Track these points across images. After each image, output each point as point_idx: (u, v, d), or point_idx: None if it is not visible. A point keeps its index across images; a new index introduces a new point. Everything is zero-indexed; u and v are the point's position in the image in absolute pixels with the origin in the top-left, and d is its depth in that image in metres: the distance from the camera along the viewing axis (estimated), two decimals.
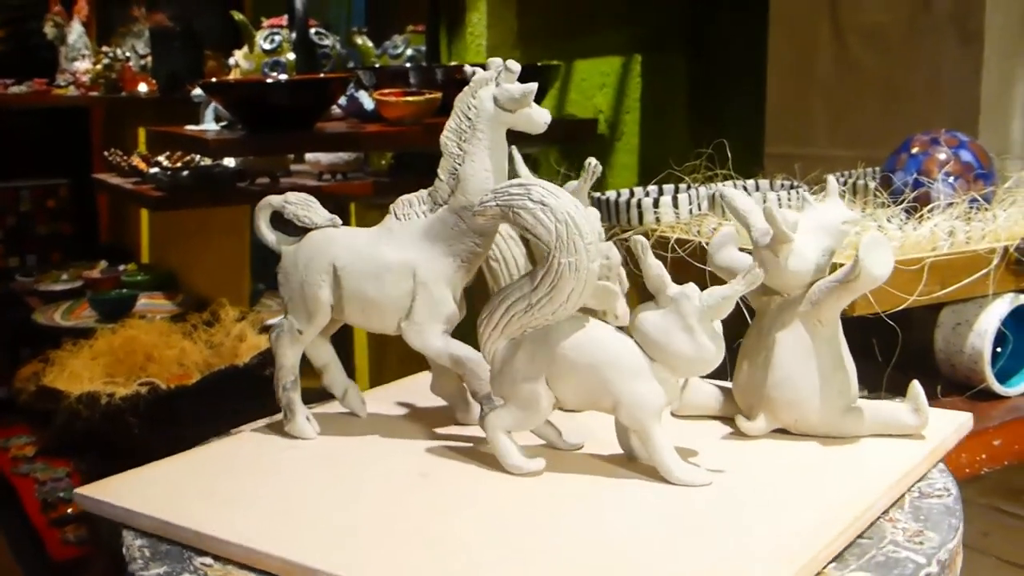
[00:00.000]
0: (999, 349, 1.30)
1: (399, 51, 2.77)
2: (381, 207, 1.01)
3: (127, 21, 4.25)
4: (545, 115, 0.91)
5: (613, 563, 0.72)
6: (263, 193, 1.98)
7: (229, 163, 2.36)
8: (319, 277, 0.92)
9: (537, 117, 0.91)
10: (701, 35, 2.26)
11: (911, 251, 1.19)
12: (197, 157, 2.43)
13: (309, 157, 2.51)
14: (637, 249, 0.83)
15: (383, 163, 2.65)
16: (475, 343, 0.89)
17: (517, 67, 0.91)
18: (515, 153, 1.00)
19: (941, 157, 1.31)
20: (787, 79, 1.80)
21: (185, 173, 2.30)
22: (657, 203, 1.36)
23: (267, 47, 2.50)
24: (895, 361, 1.16)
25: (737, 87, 2.12)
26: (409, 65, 2.61)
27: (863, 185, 1.42)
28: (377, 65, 2.68)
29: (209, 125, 2.44)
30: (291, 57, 2.47)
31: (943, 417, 0.96)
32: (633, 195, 1.44)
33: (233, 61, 2.63)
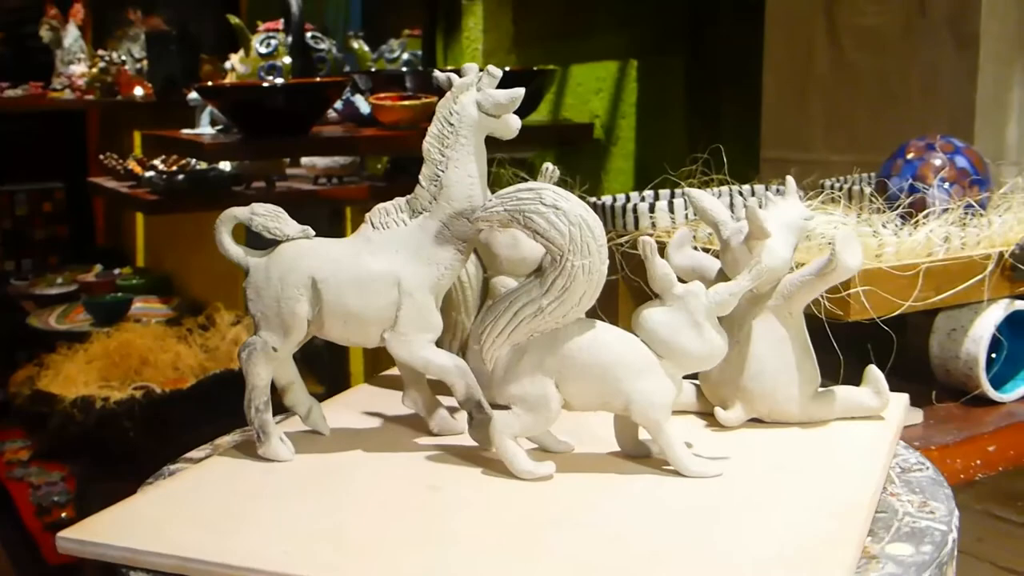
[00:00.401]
0: (994, 355, 1.30)
1: (395, 55, 2.78)
2: None
3: (123, 25, 4.25)
4: (518, 122, 0.91)
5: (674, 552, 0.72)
6: (259, 197, 1.98)
7: (225, 167, 2.36)
8: (297, 291, 0.88)
9: (513, 123, 0.90)
10: (698, 40, 2.26)
11: (907, 256, 1.19)
12: (193, 161, 2.43)
13: (305, 161, 2.52)
14: (646, 250, 0.84)
15: (379, 167, 2.66)
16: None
17: (499, 72, 0.90)
18: None
19: (936, 163, 1.31)
20: (783, 84, 1.80)
21: (181, 177, 2.29)
22: (653, 208, 1.36)
23: (263, 51, 2.50)
24: (890, 366, 1.16)
25: (733, 92, 2.12)
26: (405, 69, 2.61)
27: (858, 190, 1.42)
28: (373, 69, 2.69)
29: (205, 129, 2.44)
30: (287, 61, 2.47)
31: (893, 398, 1.00)
32: (629, 200, 1.44)
33: (229, 65, 2.63)
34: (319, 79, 2.47)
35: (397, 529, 0.77)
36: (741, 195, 1.42)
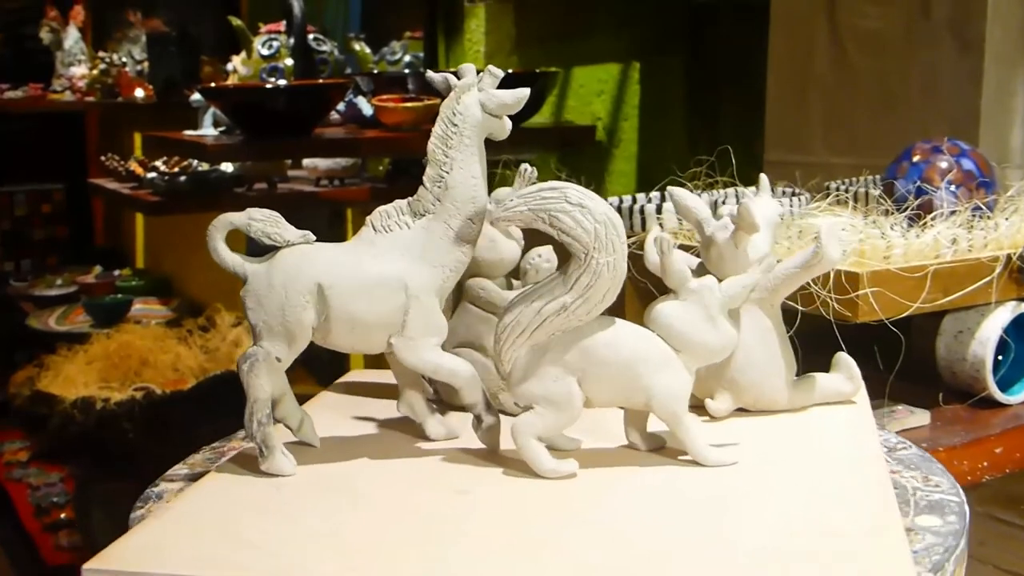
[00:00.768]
0: (1001, 357, 1.30)
1: (397, 57, 2.78)
2: None
3: (123, 26, 4.25)
4: (510, 122, 0.91)
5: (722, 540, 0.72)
6: (260, 198, 1.97)
7: (227, 168, 2.36)
8: (302, 298, 0.85)
9: (507, 123, 0.91)
10: (698, 40, 2.26)
11: (914, 259, 1.19)
12: (194, 162, 2.42)
13: (307, 163, 2.51)
14: (662, 247, 0.86)
15: (381, 169, 2.66)
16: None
17: (500, 72, 0.90)
18: None
19: (943, 165, 1.31)
20: (787, 86, 1.80)
21: (182, 178, 2.29)
22: (660, 209, 1.36)
23: (265, 53, 2.50)
24: (897, 368, 1.16)
25: (733, 92, 2.12)
26: (407, 71, 2.61)
27: (864, 193, 1.42)
28: (375, 71, 2.68)
29: (208, 130, 2.44)
30: (289, 63, 2.47)
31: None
32: (636, 201, 1.44)
33: (231, 67, 2.63)
34: (321, 81, 2.47)
35: (427, 535, 0.75)
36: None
